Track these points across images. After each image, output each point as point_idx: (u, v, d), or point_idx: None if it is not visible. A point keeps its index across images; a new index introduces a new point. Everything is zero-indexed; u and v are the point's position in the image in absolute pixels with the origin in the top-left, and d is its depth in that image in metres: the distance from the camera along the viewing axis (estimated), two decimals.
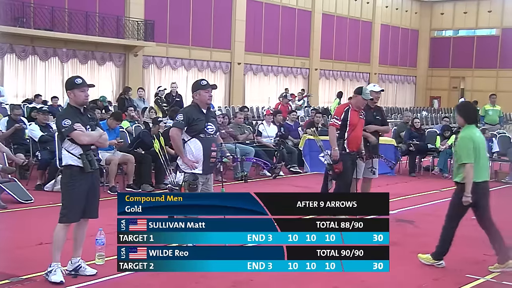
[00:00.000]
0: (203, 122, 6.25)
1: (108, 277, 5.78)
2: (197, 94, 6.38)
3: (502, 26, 41.94)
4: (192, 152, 6.23)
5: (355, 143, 8.33)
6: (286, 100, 20.40)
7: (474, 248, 7.09)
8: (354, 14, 38.87)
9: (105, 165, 10.21)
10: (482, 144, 6.39)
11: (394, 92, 43.31)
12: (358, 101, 8.28)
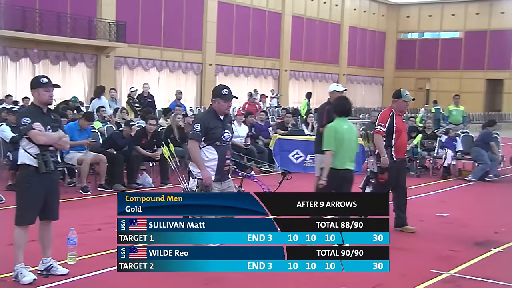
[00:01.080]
0: (220, 130, 5.99)
1: (80, 277, 5.74)
2: (216, 102, 6.06)
3: (465, 29, 42.99)
4: (206, 159, 6.01)
5: (403, 150, 7.99)
6: (252, 100, 20.65)
7: (439, 243, 7.25)
8: (323, 17, 39.39)
9: (76, 165, 10.32)
10: (347, 135, 6.87)
11: (362, 92, 43.94)
12: (400, 105, 7.87)
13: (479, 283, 5.88)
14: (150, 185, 11.03)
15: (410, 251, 6.96)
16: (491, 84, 42.32)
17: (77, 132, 10.52)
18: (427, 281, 5.82)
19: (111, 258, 6.31)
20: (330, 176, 6.84)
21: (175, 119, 12.51)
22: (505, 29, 41.34)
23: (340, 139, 6.83)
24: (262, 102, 25.11)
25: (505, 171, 13.87)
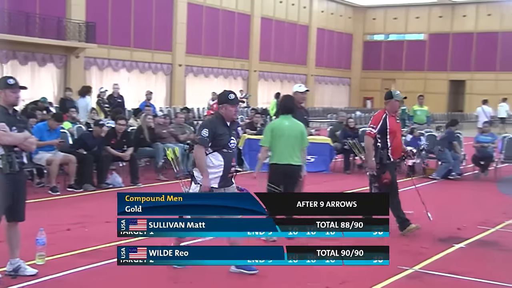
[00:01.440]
0: (227, 137, 5.89)
1: (49, 277, 5.68)
2: (224, 108, 5.94)
3: (429, 32, 43.77)
4: (211, 165, 5.87)
5: (399, 150, 7.94)
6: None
7: (405, 240, 7.43)
8: (291, 18, 39.68)
9: (45, 165, 10.32)
10: (287, 131, 7.06)
11: (330, 93, 44.35)
12: (393, 105, 7.85)
13: (442, 278, 6.05)
14: (120, 185, 11.08)
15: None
16: (453, 85, 43.17)
17: (46, 132, 10.53)
18: (393, 277, 5.95)
19: (81, 257, 6.37)
20: (271, 171, 7.19)
21: (145, 119, 12.58)
22: (467, 31, 42.22)
23: (279, 136, 7.06)
24: None
25: (467, 169, 14.24)
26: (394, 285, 5.79)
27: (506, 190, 11.57)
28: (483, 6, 41.83)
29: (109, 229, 7.68)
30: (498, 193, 11.50)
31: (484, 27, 41.60)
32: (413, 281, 5.96)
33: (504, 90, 39.15)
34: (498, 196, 11.29)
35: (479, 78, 41.33)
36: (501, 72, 40.90)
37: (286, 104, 7.39)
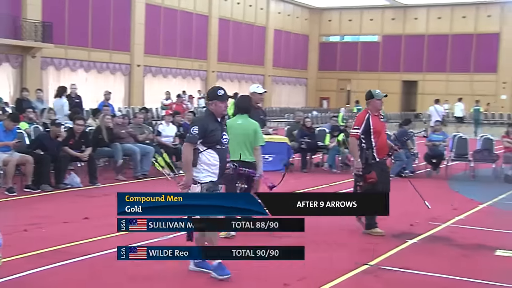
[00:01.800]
0: (219, 133, 5.81)
1: (5, 278, 5.60)
2: (213, 104, 5.84)
3: (382, 33, 44.56)
4: (208, 162, 5.78)
5: (384, 149, 7.89)
6: (180, 100, 20.81)
7: (361, 237, 7.63)
8: (249, 19, 39.85)
9: (2, 166, 10.21)
10: (237, 130, 7.17)
11: (287, 93, 44.67)
12: (374, 104, 7.84)
13: (396, 273, 6.20)
14: (78, 185, 11.04)
15: (335, 244, 7.29)
16: (406, 85, 44.08)
17: (2, 133, 10.45)
18: (349, 273, 6.10)
19: (39, 258, 6.34)
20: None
21: (104, 119, 12.53)
22: (418, 34, 43.18)
23: (229, 134, 7.10)
24: (189, 103, 25.24)
25: (419, 167, 14.62)
26: (351, 280, 5.91)
27: (456, 187, 11.97)
28: (434, 10, 42.84)
29: (67, 230, 7.72)
30: (449, 190, 11.89)
31: (434, 29, 42.64)
32: (369, 276, 6.09)
33: (454, 91, 40.37)
34: (449, 193, 11.66)
35: (430, 79, 42.36)
36: (451, 73, 42.01)
37: (241, 104, 7.52)
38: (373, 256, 6.73)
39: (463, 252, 7.16)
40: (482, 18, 41.38)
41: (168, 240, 6.77)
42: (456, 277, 6.12)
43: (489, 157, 13.72)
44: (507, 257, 7.03)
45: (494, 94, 40.25)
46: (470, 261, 6.80)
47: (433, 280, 6.03)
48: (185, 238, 5.56)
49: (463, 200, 10.80)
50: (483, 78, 41.01)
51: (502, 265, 6.73)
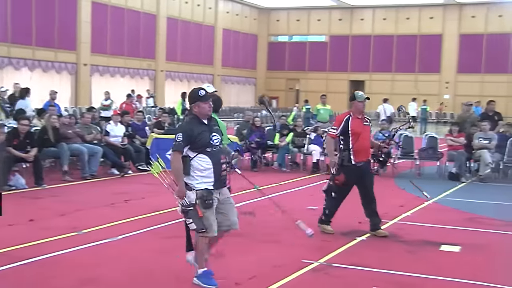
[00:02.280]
0: (207, 134, 5.47)
1: None
2: (196, 106, 5.53)
3: (330, 34, 45.14)
4: (201, 168, 5.45)
5: (363, 153, 7.75)
6: (130, 100, 20.59)
7: (314, 235, 7.59)
8: (197, 19, 39.71)
9: None
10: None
11: (236, 92, 44.71)
12: (357, 105, 7.80)
13: (346, 270, 6.29)
14: (23, 186, 10.82)
15: (284, 243, 7.35)
16: (353, 85, 44.62)
17: None
18: (299, 271, 6.13)
19: None
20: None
21: (50, 119, 12.30)
22: (365, 34, 43.93)
23: None
24: (138, 102, 25.00)
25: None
26: (300, 278, 5.95)
27: (403, 185, 12.23)
28: (379, 11, 43.66)
29: (12, 232, 7.54)
30: (396, 187, 12.13)
31: (380, 30, 43.48)
32: (318, 274, 6.15)
33: (400, 90, 41.32)
34: (396, 190, 11.90)
35: (377, 79, 43.16)
36: (397, 73, 42.94)
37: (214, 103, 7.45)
38: (322, 254, 6.80)
39: (410, 248, 7.31)
40: (425, 19, 42.41)
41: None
42: (403, 273, 6.24)
43: (434, 155, 14.08)
44: (451, 252, 7.22)
45: (437, 93, 41.35)
46: (416, 257, 6.94)
47: (381, 276, 6.13)
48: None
49: (409, 197, 11.04)
50: (427, 78, 42.09)
51: (446, 260, 6.91)
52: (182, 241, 7.37)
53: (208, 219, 5.41)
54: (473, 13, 41.19)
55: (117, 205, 9.61)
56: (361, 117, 7.82)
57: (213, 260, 6.55)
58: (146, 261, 6.50)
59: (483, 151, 13.16)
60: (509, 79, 40.14)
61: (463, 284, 5.98)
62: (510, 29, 40.09)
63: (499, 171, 13.72)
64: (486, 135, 13.49)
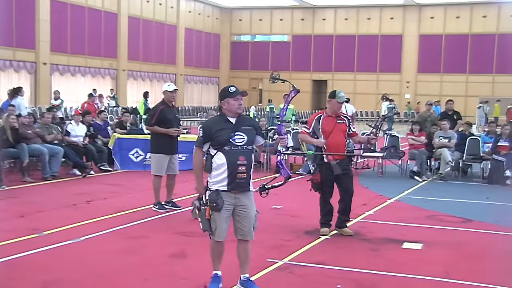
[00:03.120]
0: (227, 132, 5.28)
1: None
2: (226, 103, 5.38)
3: (292, 33, 45.39)
4: (217, 167, 5.29)
5: (335, 150, 7.70)
6: (92, 99, 20.36)
7: (274, 234, 7.71)
8: (159, 18, 39.44)
9: None
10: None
11: (199, 92, 44.59)
12: (334, 105, 7.80)
13: (310, 268, 6.33)
14: None
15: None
16: (316, 85, 45.11)
17: None
18: (263, 270, 6.15)
19: None
20: None
21: (8, 119, 12.06)
22: (326, 34, 44.31)
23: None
24: (100, 102, 24.72)
25: None
26: (265, 278, 5.96)
27: (366, 184, 12.38)
28: (341, 11, 44.09)
29: None
30: (359, 186, 12.26)
31: (342, 30, 43.92)
32: (282, 272, 6.17)
33: (362, 90, 41.82)
34: (358, 189, 12.03)
35: (339, 78, 43.55)
36: (359, 73, 43.43)
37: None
38: (286, 253, 6.83)
39: (372, 246, 7.40)
40: (385, 20, 43.00)
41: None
42: (366, 271, 6.31)
43: (396, 154, 14.26)
44: (413, 249, 7.33)
45: (398, 93, 41.95)
46: (378, 255, 7.03)
47: (344, 274, 6.18)
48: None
49: (371, 195, 11.18)
50: (388, 77, 42.69)
51: (408, 257, 7.00)
52: (145, 241, 7.38)
53: (215, 222, 5.26)
54: (432, 14, 41.95)
55: (79, 206, 9.48)
56: (334, 116, 7.83)
57: (176, 261, 6.54)
58: (110, 261, 6.45)
59: (443, 149, 13.41)
60: (467, 79, 41.03)
61: (425, 280, 6.08)
62: (468, 30, 40.98)
63: (459, 169, 13.98)
64: (446, 134, 13.75)
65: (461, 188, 12.64)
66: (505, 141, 13.27)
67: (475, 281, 6.02)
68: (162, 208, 9.19)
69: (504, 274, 6.38)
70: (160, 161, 9.15)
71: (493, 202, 10.88)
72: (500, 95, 37.75)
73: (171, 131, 9.18)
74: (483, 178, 13.58)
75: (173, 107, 9.54)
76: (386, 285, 5.95)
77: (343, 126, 7.83)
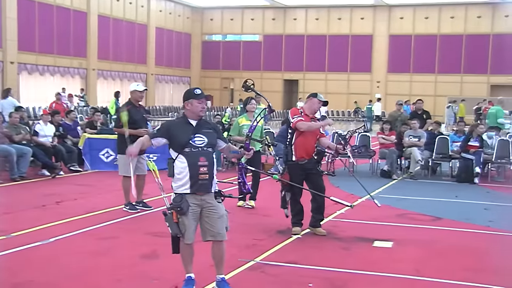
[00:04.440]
0: (187, 134, 5.24)
1: None
2: (189, 104, 5.33)
3: (263, 33, 45.44)
4: (178, 171, 5.24)
5: (304, 149, 7.69)
6: (59, 98, 20.13)
7: (246, 233, 7.70)
8: (129, 17, 39.13)
9: None
10: None
11: (170, 91, 44.36)
12: (314, 104, 7.74)
13: (282, 268, 6.34)
14: None
15: None
16: (287, 84, 45.25)
17: None
18: (235, 270, 6.13)
19: None
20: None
21: None
22: (298, 34, 44.48)
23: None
24: (69, 102, 24.44)
25: None
26: (237, 277, 5.96)
27: (337, 183, 12.43)
28: (312, 11, 44.30)
29: None
30: (331, 185, 12.27)
31: (313, 30, 44.13)
32: (254, 272, 6.18)
33: (333, 89, 42.09)
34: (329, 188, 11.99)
35: (310, 78, 43.78)
36: (330, 73, 43.69)
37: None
38: (258, 252, 6.84)
39: (344, 245, 7.45)
40: (356, 20, 43.33)
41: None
42: (338, 269, 6.34)
43: (366, 153, 14.36)
44: (384, 248, 7.40)
45: (369, 93, 42.31)
46: (350, 253, 7.08)
47: (316, 273, 6.20)
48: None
49: (343, 194, 11.23)
50: (359, 77, 43.04)
51: (379, 255, 7.07)
52: (116, 241, 7.32)
53: (184, 224, 5.21)
54: (401, 14, 42.40)
55: (48, 207, 9.36)
56: (311, 116, 7.79)
57: (148, 261, 6.50)
58: (81, 263, 6.38)
59: (413, 148, 13.55)
60: (436, 79, 41.58)
61: (395, 278, 6.13)
62: (436, 31, 41.51)
63: (428, 168, 14.15)
64: (416, 133, 13.90)
65: (430, 186, 12.79)
66: (475, 140, 13.47)
67: (444, 278, 6.09)
68: (133, 208, 9.12)
69: (473, 270, 6.47)
70: (128, 161, 9.05)
71: (462, 200, 11.04)
72: (468, 95, 38.36)
73: (140, 132, 9.10)
74: (452, 177, 13.77)
75: (140, 107, 9.46)
76: (358, 283, 5.99)
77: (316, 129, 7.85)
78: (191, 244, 5.35)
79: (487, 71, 40.34)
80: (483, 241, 8.00)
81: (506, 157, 13.74)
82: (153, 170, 5.50)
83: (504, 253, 7.38)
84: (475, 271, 6.47)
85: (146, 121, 9.53)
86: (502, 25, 40.00)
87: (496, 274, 6.42)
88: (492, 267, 6.69)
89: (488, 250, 7.49)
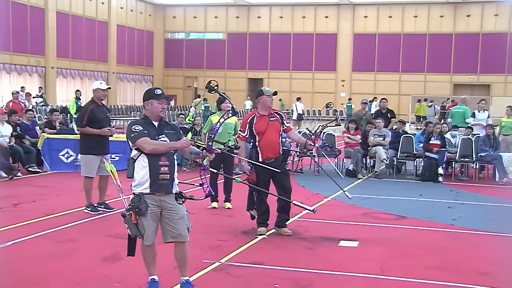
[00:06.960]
0: (152, 135, 5.19)
1: None
2: (149, 104, 5.26)
3: (227, 31, 45.34)
4: (139, 170, 5.16)
5: (270, 149, 7.68)
6: (16, 96, 19.70)
7: (210, 234, 7.65)
8: (89, 14, 38.53)
9: None
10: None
11: (132, 90, 43.89)
12: (265, 101, 7.73)
13: (247, 268, 6.31)
14: None
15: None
16: (252, 83, 45.20)
17: None
18: (200, 271, 6.07)
19: None
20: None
21: None
22: (262, 32, 44.51)
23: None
24: (27, 101, 23.89)
25: None
26: (202, 279, 5.89)
27: (302, 183, 12.41)
28: (276, 9, 44.38)
29: None
30: (296, 185, 12.27)
31: (277, 28, 44.22)
32: (219, 273, 6.12)
33: (297, 88, 42.22)
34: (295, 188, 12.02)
35: (275, 77, 43.86)
36: (295, 71, 43.83)
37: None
38: (223, 253, 6.77)
39: (309, 245, 7.42)
40: (320, 18, 43.55)
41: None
42: (303, 270, 6.30)
43: (332, 152, 14.37)
44: (349, 247, 7.39)
45: (334, 91, 42.59)
46: (315, 253, 7.05)
47: (281, 274, 6.16)
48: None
49: (308, 194, 11.21)
50: (323, 76, 43.28)
51: (345, 254, 7.06)
52: (77, 244, 7.13)
53: (143, 225, 5.12)
54: (365, 13, 42.79)
55: (5, 210, 9.13)
56: (267, 113, 7.77)
57: (110, 264, 6.34)
58: (40, 267, 6.22)
59: (378, 147, 13.61)
60: (400, 78, 42.09)
61: (360, 278, 6.11)
62: (400, 30, 42.01)
63: (393, 167, 14.23)
64: (380, 132, 13.97)
65: (395, 185, 12.87)
66: (436, 139, 13.59)
67: (409, 277, 6.12)
68: (94, 210, 8.92)
69: (435, 269, 6.49)
70: (91, 162, 8.88)
71: (426, 199, 11.13)
72: (432, 93, 38.98)
73: (105, 131, 8.92)
74: (416, 176, 13.88)
75: (103, 106, 9.26)
76: (323, 283, 5.95)
77: (277, 124, 7.78)
78: (152, 246, 5.26)
79: (450, 70, 41.02)
80: (446, 239, 8.05)
81: (470, 155, 13.90)
82: (111, 172, 5.34)
83: (466, 251, 7.42)
84: (437, 269, 6.50)
85: (109, 120, 9.34)
86: (464, 25, 40.72)
87: (457, 271, 6.45)
88: (454, 265, 6.71)
89: (451, 248, 7.52)
